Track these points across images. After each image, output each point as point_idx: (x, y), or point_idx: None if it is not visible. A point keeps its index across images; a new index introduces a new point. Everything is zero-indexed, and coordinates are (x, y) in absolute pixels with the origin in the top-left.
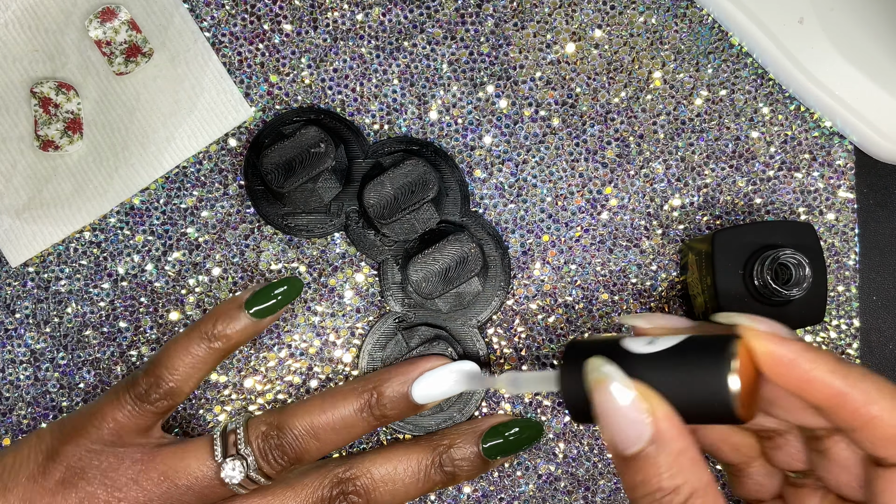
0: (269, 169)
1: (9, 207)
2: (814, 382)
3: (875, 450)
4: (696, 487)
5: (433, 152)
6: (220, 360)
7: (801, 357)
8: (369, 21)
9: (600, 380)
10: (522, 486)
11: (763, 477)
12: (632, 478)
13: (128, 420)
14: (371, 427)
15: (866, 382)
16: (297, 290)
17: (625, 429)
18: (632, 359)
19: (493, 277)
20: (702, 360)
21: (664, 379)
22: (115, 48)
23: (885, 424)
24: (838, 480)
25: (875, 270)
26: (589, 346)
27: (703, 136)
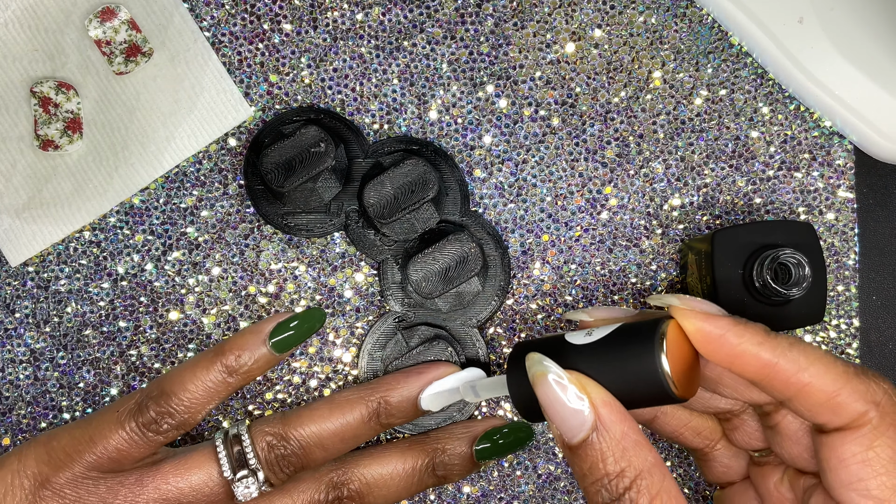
0: (269, 168)
1: (9, 207)
2: (743, 356)
3: (813, 417)
4: (640, 469)
5: (433, 152)
6: (235, 391)
7: (729, 332)
8: (369, 21)
9: (539, 373)
10: (522, 486)
11: (728, 459)
12: (580, 466)
13: (131, 448)
14: (376, 433)
15: (794, 351)
16: (320, 321)
17: (567, 419)
18: (572, 351)
19: (492, 277)
20: (634, 345)
21: (601, 367)
22: (115, 48)
23: (817, 390)
24: (791, 453)
25: (875, 270)
26: (532, 346)
27: (703, 135)
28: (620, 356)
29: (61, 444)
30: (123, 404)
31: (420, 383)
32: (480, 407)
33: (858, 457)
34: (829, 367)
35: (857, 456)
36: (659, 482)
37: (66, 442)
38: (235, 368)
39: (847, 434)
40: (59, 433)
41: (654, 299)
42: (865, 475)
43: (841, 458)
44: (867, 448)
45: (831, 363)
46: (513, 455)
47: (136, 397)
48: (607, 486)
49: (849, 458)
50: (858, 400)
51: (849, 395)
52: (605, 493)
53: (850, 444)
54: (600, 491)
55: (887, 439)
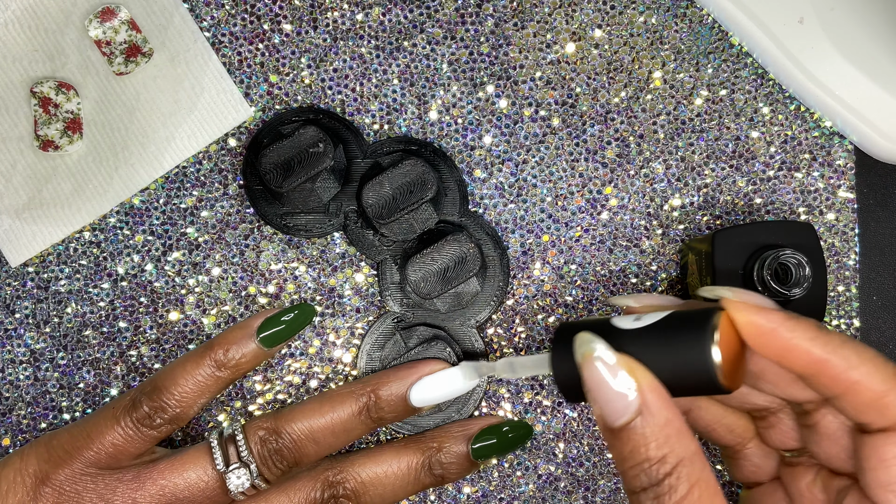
0: (268, 169)
1: (9, 207)
2: (794, 350)
3: (858, 416)
4: (682, 456)
5: (432, 152)
6: (226, 387)
7: (782, 326)
8: (369, 21)
9: (588, 354)
10: (522, 486)
11: (759, 458)
12: (620, 449)
13: (127, 444)
14: (369, 429)
15: (846, 349)
16: (310, 316)
17: (612, 401)
18: (619, 335)
19: (491, 277)
20: (685, 333)
21: (650, 352)
22: (115, 48)
23: (866, 389)
24: (828, 453)
25: (875, 270)
26: (579, 327)
27: (703, 135)
28: (670, 343)
29: (61, 441)
30: (119, 402)
31: (410, 378)
32: (480, 407)
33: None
34: (879, 368)
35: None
36: (699, 471)
37: (66, 440)
38: (224, 363)
39: (891, 435)
40: (59, 432)
41: (706, 291)
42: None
43: (882, 458)
44: None
45: (882, 364)
46: (513, 455)
47: (131, 394)
48: (647, 470)
49: (890, 459)
50: None
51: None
52: (644, 477)
53: (893, 444)
54: (639, 475)
55: None
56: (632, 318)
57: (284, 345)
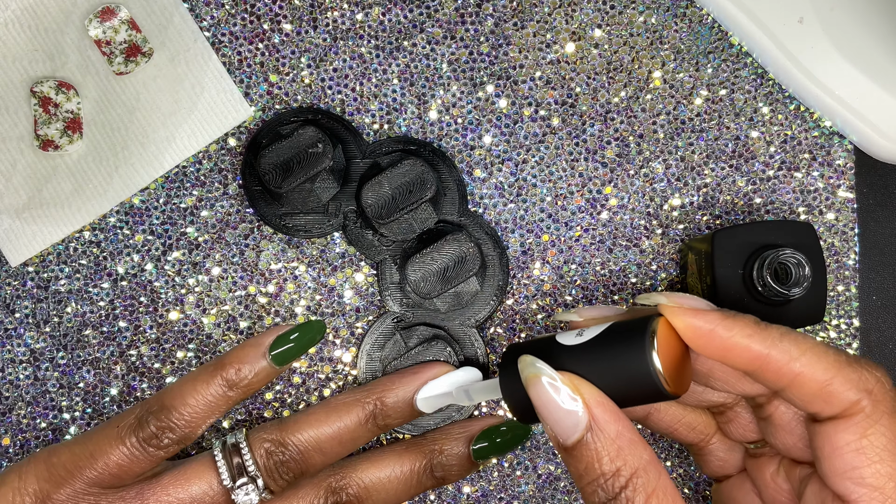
0: (267, 169)
1: (9, 207)
2: (734, 349)
3: (806, 406)
4: (636, 467)
5: (431, 152)
6: (235, 404)
7: (719, 326)
8: (369, 21)
9: (532, 375)
10: (522, 486)
11: (724, 452)
12: (575, 466)
13: (132, 464)
14: (374, 435)
15: (785, 341)
16: (320, 333)
17: (561, 419)
18: (563, 351)
19: (491, 277)
20: (625, 343)
21: (594, 366)
22: (115, 48)
23: (810, 380)
24: (786, 443)
25: (875, 270)
26: (523, 348)
27: (703, 135)
28: (612, 355)
29: (61, 460)
30: (123, 419)
31: (416, 384)
32: (480, 406)
33: (852, 445)
34: (820, 357)
35: (850, 444)
36: (654, 480)
37: (67, 458)
38: (236, 382)
39: (840, 423)
40: (59, 449)
41: (642, 298)
42: (860, 463)
43: (835, 446)
44: (861, 436)
45: (823, 352)
46: (513, 455)
47: (136, 412)
48: (603, 485)
49: (843, 447)
50: (851, 388)
51: (841, 384)
52: (601, 492)
53: (843, 432)
54: (596, 491)
55: (881, 427)
56: (574, 333)
57: (293, 362)
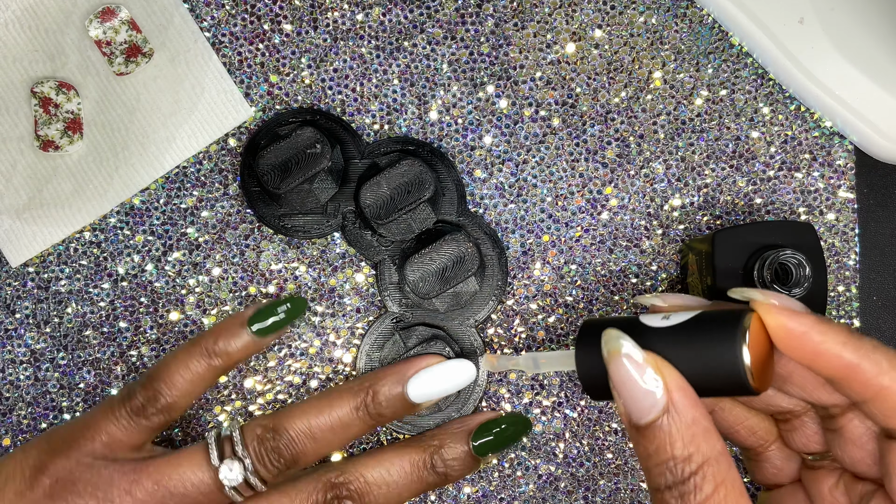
0: (266, 170)
1: (9, 207)
2: (825, 354)
3: (886, 421)
4: (707, 456)
5: (429, 152)
6: (219, 376)
7: (813, 330)
8: (369, 21)
9: (615, 350)
10: (522, 486)
11: (780, 461)
12: (645, 446)
13: (121, 434)
14: (368, 426)
15: (877, 354)
16: (301, 309)
17: (639, 399)
18: (647, 333)
19: (490, 277)
20: (715, 334)
21: (678, 352)
22: (115, 48)
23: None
24: (853, 458)
25: (875, 270)
26: (605, 324)
27: (704, 136)
28: (699, 343)
29: (60, 433)
30: (117, 394)
31: (407, 373)
32: (479, 406)
33: None
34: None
35: None
36: (725, 471)
37: (65, 431)
38: (216, 352)
39: None
40: (59, 426)
41: (736, 292)
42: None
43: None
44: None
45: None
46: (513, 455)
47: (128, 386)
48: (672, 468)
49: None
50: None
51: None
52: (669, 475)
53: None
54: (664, 473)
55: None
56: (660, 316)
57: (277, 336)
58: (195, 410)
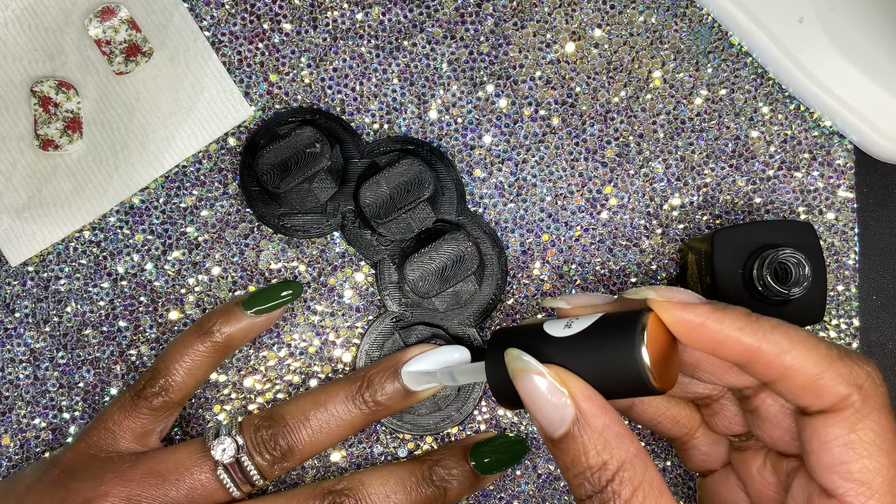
0: (265, 170)
1: (8, 207)
2: (725, 342)
3: (796, 399)
4: (623, 460)
5: (429, 151)
6: (216, 359)
7: (709, 319)
8: (369, 20)
9: (519, 369)
10: (522, 486)
11: (708, 446)
12: (563, 460)
13: (124, 418)
14: (364, 417)
15: (776, 334)
16: (297, 292)
17: (548, 413)
18: (551, 343)
19: (489, 276)
20: (614, 336)
21: (582, 359)
22: (115, 47)
23: (800, 373)
24: (772, 436)
25: (875, 270)
26: (512, 334)
27: (703, 135)
28: (600, 349)
29: (83, 429)
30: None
31: (402, 359)
32: (480, 406)
33: (841, 440)
34: (811, 350)
35: (839, 439)
36: (641, 473)
37: (86, 426)
38: (212, 332)
39: (829, 417)
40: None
41: (630, 293)
42: (848, 458)
43: (823, 440)
44: (850, 431)
45: (814, 345)
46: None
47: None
48: (590, 478)
49: (831, 441)
50: (841, 383)
51: (832, 378)
52: (587, 485)
53: (832, 426)
54: (583, 483)
55: (870, 422)
56: (562, 324)
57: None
58: (195, 410)
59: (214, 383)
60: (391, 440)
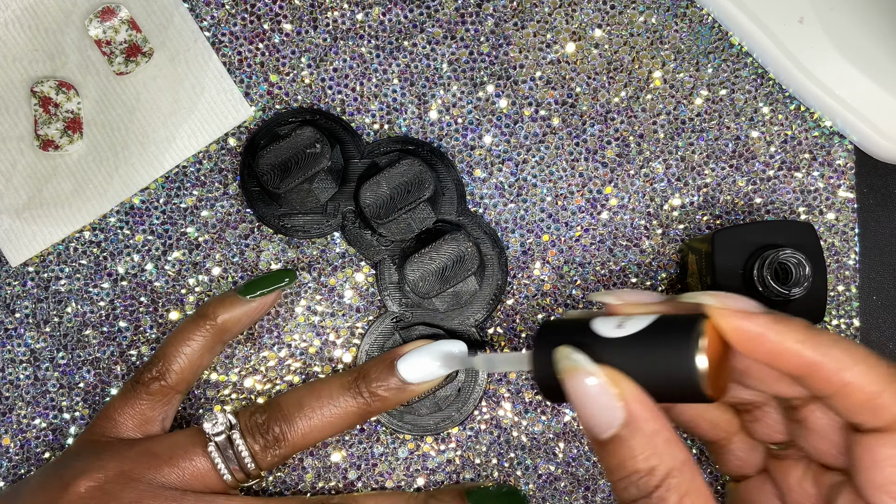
0: (265, 170)
1: (9, 207)
2: (784, 354)
3: (851, 416)
4: (671, 467)
5: (429, 152)
6: (212, 343)
7: (769, 330)
8: (369, 21)
9: (570, 368)
10: (522, 486)
11: (745, 452)
12: (608, 461)
13: (125, 405)
14: (360, 409)
15: (837, 349)
16: (291, 278)
17: (598, 414)
18: (602, 343)
19: (489, 276)
20: (670, 342)
21: (634, 362)
22: (115, 47)
23: (859, 390)
24: (818, 449)
25: (875, 270)
26: (560, 327)
27: (703, 135)
28: (654, 353)
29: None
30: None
31: (399, 353)
32: (480, 406)
33: (894, 459)
34: (872, 368)
35: (893, 458)
36: (689, 481)
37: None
38: (206, 315)
39: (884, 436)
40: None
41: (687, 296)
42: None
43: (876, 459)
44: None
45: (875, 363)
46: (513, 454)
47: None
48: (637, 483)
49: (884, 460)
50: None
51: (890, 398)
52: (633, 489)
53: (886, 446)
54: (629, 487)
55: None
56: (614, 323)
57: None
58: (195, 410)
59: (215, 383)
60: (391, 440)
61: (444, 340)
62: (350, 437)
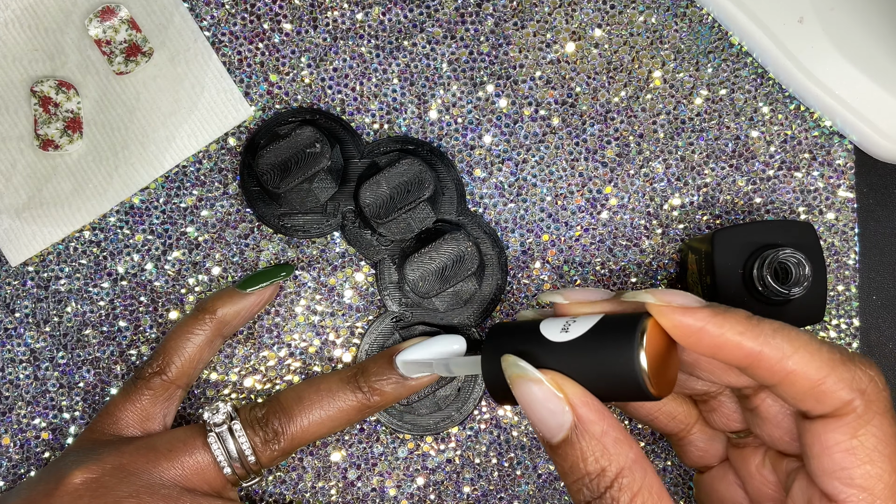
0: (265, 170)
1: (9, 207)
2: (726, 346)
3: (797, 404)
4: (622, 466)
5: (429, 151)
6: (211, 337)
7: (709, 324)
8: (369, 20)
9: (516, 375)
10: (522, 486)
11: (705, 442)
12: (561, 465)
13: (126, 401)
14: (359, 403)
15: (778, 338)
16: (287, 270)
17: (546, 419)
18: (549, 347)
19: (489, 276)
20: (612, 343)
21: (580, 364)
22: (115, 47)
23: (802, 378)
24: (772, 436)
25: (875, 270)
26: (509, 331)
27: (703, 135)
28: (598, 355)
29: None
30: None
31: (398, 349)
32: (480, 406)
33: (842, 445)
34: (814, 354)
35: (841, 444)
36: (640, 479)
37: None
38: (204, 308)
39: (831, 422)
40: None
41: (629, 296)
42: (849, 464)
43: (825, 445)
44: (851, 436)
45: (816, 350)
46: (513, 455)
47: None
48: (588, 484)
49: (833, 447)
50: (844, 388)
51: (834, 383)
52: (586, 491)
53: (834, 432)
54: (581, 490)
55: (872, 428)
56: (559, 325)
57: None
58: (195, 409)
59: (214, 383)
60: (391, 440)
61: (442, 336)
62: (350, 436)
